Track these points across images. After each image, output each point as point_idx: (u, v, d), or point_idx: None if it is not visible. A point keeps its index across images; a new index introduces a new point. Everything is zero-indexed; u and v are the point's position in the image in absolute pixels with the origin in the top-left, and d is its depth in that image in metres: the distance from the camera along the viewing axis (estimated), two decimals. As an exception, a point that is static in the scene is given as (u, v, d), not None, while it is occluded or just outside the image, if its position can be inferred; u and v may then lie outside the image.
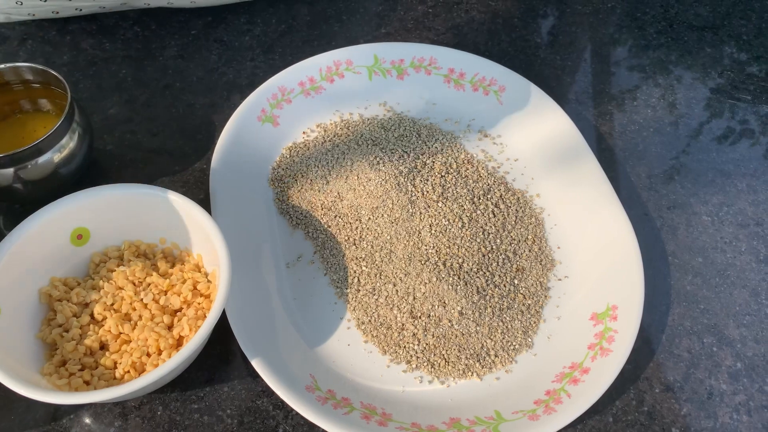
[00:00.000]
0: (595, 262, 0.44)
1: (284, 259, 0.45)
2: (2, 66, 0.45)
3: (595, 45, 0.61)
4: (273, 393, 0.39)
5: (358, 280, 0.44)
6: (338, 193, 0.47)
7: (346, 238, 0.46)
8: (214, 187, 0.46)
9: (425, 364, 0.40)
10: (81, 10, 0.57)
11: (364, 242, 0.45)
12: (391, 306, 0.42)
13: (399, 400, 0.39)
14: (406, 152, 0.49)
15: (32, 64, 0.45)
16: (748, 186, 0.51)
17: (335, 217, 0.47)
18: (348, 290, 0.43)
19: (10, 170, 0.43)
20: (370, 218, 0.46)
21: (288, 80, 0.52)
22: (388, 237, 0.45)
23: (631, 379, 0.41)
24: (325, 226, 0.46)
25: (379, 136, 0.51)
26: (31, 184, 0.44)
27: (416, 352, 0.41)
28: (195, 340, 0.35)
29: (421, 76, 0.54)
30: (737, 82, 0.58)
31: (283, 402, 0.39)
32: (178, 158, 0.51)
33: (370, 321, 0.42)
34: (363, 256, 0.45)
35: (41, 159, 0.43)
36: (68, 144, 0.45)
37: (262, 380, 0.39)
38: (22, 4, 0.54)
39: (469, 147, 0.51)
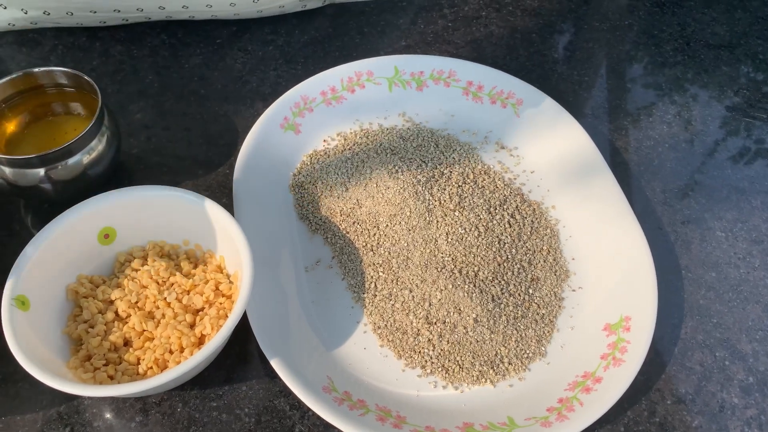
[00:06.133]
0: (608, 273, 0.45)
1: (303, 263, 0.46)
2: (37, 70, 0.47)
3: (612, 61, 0.62)
4: (290, 393, 0.40)
5: (375, 285, 0.45)
6: (357, 200, 0.48)
7: (364, 244, 0.47)
8: (237, 191, 0.47)
9: (440, 369, 0.41)
10: (127, 20, 0.59)
11: (382, 248, 0.46)
12: (407, 311, 0.43)
13: (413, 404, 0.40)
14: (424, 162, 0.50)
15: (66, 69, 0.47)
16: (762, 203, 0.51)
17: (353, 223, 0.48)
18: (365, 295, 0.44)
19: (41, 170, 0.44)
20: (387, 225, 0.47)
21: (310, 89, 0.54)
22: (405, 244, 0.46)
23: (643, 390, 0.41)
24: (344, 232, 0.47)
25: (398, 146, 0.52)
26: (60, 184, 0.45)
27: (431, 358, 0.41)
28: (217, 338, 0.36)
29: (440, 88, 0.56)
30: (753, 101, 0.59)
31: (299, 402, 0.40)
32: (201, 163, 0.52)
33: (386, 326, 0.43)
34: (380, 262, 0.45)
35: (71, 160, 0.45)
36: (97, 146, 0.46)
37: (280, 380, 0.40)
38: (72, 14, 0.56)
39: (486, 158, 0.52)
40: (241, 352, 0.42)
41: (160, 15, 0.58)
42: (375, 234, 0.47)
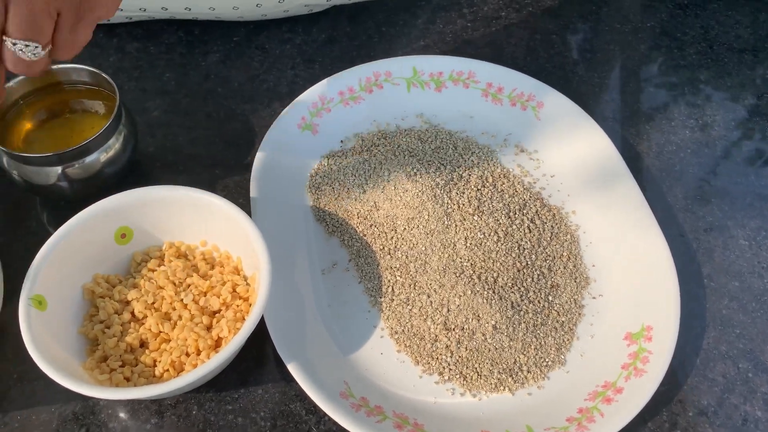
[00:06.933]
0: (630, 281, 0.44)
1: (320, 266, 0.46)
2: (56, 67, 0.47)
3: (633, 64, 0.61)
4: (306, 397, 0.40)
5: (392, 289, 0.44)
6: (374, 203, 0.48)
7: (381, 247, 0.46)
8: (254, 191, 0.47)
9: (457, 376, 0.41)
10: (131, 18, 0.59)
11: (399, 252, 0.46)
12: (425, 317, 0.42)
13: (431, 411, 0.39)
14: (443, 164, 0.50)
15: (84, 66, 0.47)
16: (787, 211, 0.50)
17: (371, 226, 0.47)
18: (382, 299, 0.44)
19: (58, 168, 0.44)
20: (405, 228, 0.46)
21: (328, 89, 0.53)
22: (423, 248, 0.45)
23: (664, 401, 0.41)
24: (361, 235, 0.47)
25: (416, 148, 0.51)
26: (77, 182, 0.45)
27: (449, 364, 0.41)
28: (235, 341, 0.35)
29: (459, 89, 0.55)
30: (777, 106, 0.58)
31: (315, 407, 0.39)
32: (218, 162, 0.52)
33: (403, 331, 0.42)
34: (398, 266, 0.45)
35: (88, 159, 0.45)
36: (114, 145, 0.46)
37: (296, 384, 0.39)
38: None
39: (506, 161, 0.51)
40: (257, 355, 0.42)
41: (163, 15, 0.58)
42: (392, 237, 0.46)
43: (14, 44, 0.32)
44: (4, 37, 0.32)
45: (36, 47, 0.33)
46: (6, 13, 0.31)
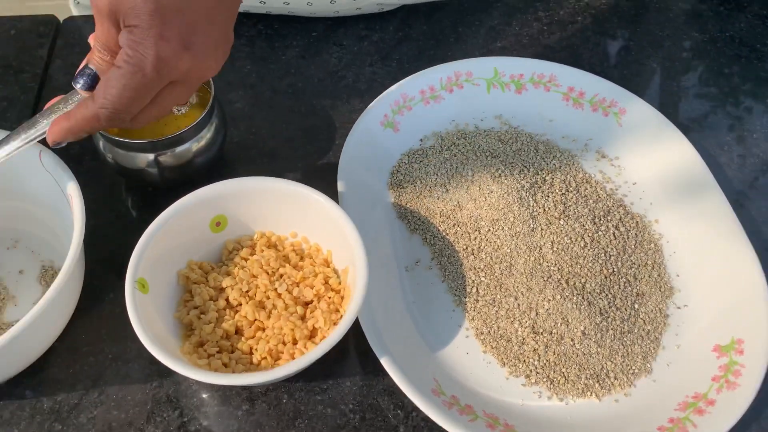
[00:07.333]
0: (717, 292, 0.44)
1: (404, 262, 0.46)
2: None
3: (712, 74, 0.60)
4: (394, 392, 0.40)
5: (477, 290, 0.44)
6: (458, 203, 0.48)
7: (464, 247, 0.46)
8: (341, 186, 0.47)
9: (544, 380, 0.41)
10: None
11: (483, 253, 0.46)
12: (512, 319, 0.43)
13: (519, 413, 0.39)
14: (526, 167, 0.50)
15: (181, 56, 0.47)
16: None
17: (454, 225, 0.47)
18: (467, 299, 0.44)
19: (151, 155, 0.45)
20: (489, 230, 0.46)
21: (410, 87, 0.53)
22: (508, 250, 0.45)
23: (754, 415, 0.40)
24: (443, 234, 0.47)
25: (497, 149, 0.51)
26: (167, 169, 0.46)
27: (536, 368, 0.41)
28: (337, 332, 0.36)
29: (539, 92, 0.55)
30: None
31: (404, 402, 0.40)
32: (300, 156, 0.52)
33: (489, 332, 0.43)
34: (482, 266, 0.45)
35: (180, 147, 0.46)
36: (206, 135, 0.47)
37: (383, 378, 0.40)
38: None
39: (587, 166, 0.51)
40: (344, 347, 0.42)
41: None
42: (476, 238, 0.46)
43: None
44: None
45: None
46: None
